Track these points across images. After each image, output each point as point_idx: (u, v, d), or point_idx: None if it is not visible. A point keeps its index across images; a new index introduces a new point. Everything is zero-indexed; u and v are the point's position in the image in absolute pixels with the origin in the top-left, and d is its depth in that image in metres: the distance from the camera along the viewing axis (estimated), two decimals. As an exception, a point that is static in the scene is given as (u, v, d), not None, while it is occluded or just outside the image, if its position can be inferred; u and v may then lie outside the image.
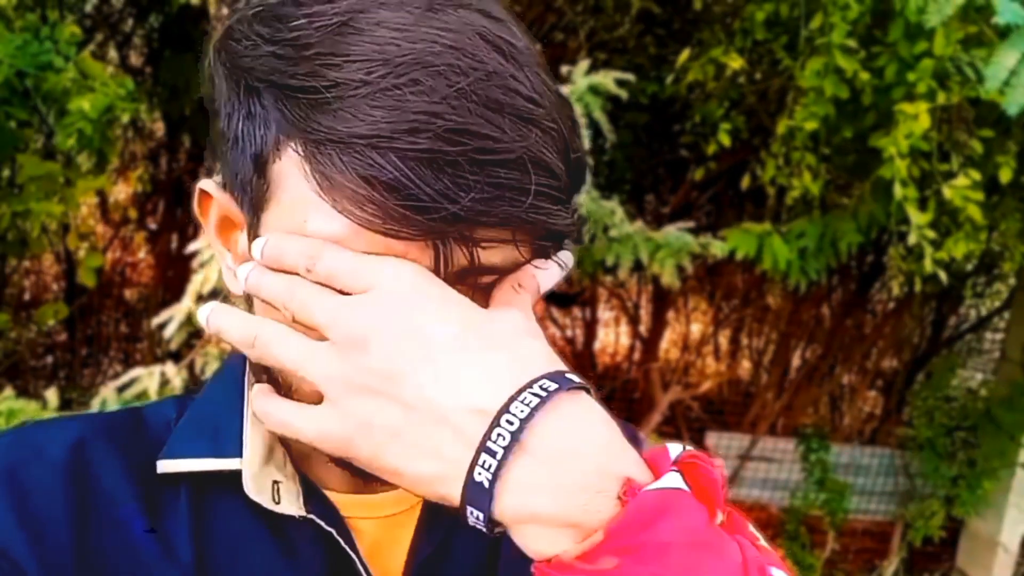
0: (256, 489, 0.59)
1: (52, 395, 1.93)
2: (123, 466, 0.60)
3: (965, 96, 2.41)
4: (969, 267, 4.14)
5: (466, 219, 0.49)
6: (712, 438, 4.13)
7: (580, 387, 0.49)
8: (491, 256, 0.51)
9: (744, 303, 4.42)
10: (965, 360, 4.43)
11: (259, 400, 0.55)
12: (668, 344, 4.75)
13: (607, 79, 1.90)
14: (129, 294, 4.18)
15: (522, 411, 0.46)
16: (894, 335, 4.38)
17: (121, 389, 1.87)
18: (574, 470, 0.46)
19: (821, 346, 4.25)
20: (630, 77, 1.95)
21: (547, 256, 0.55)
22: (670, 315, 4.58)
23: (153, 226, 4.24)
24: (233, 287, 0.58)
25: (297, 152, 0.51)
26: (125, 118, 1.99)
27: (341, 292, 0.51)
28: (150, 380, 1.80)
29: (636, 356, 4.52)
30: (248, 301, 0.59)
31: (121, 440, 0.62)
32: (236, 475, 0.60)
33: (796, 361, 4.44)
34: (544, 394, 0.46)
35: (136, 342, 3.90)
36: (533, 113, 0.51)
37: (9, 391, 1.82)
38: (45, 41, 2.15)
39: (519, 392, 0.47)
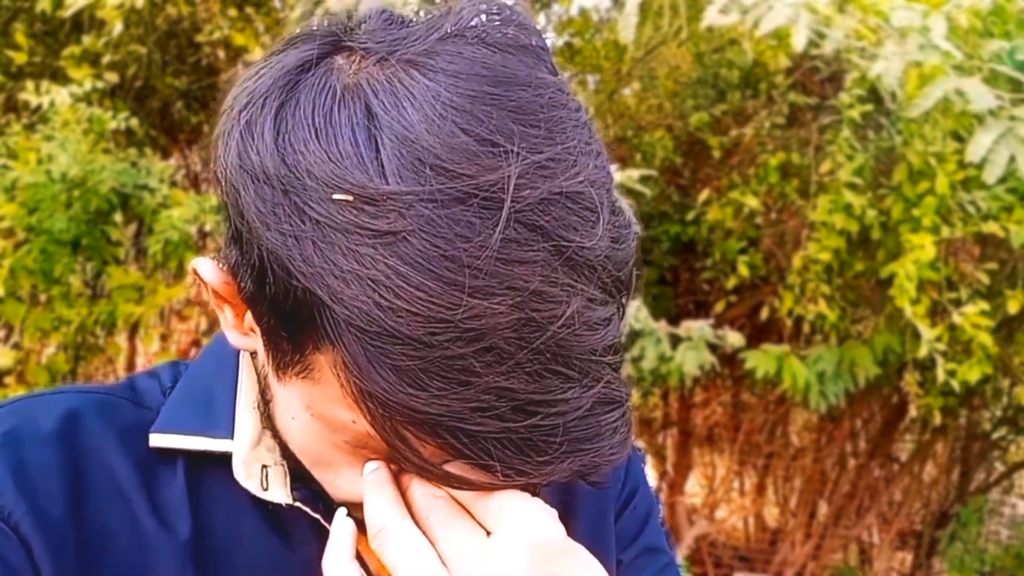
0: (245, 474, 0.58)
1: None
2: (118, 438, 0.59)
3: (970, 232, 2.64)
4: (992, 423, 4.23)
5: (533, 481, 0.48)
6: (740, 578, 4.10)
7: None
8: None
9: (769, 443, 4.49)
10: (995, 508, 4.42)
11: None
12: (693, 488, 4.78)
13: (634, 175, 2.27)
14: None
15: None
16: (918, 481, 4.40)
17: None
18: None
19: (847, 490, 4.28)
20: (652, 172, 2.27)
21: None
22: (695, 455, 4.65)
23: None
24: (236, 343, 0.57)
25: (344, 379, 0.46)
26: (209, 226, 2.25)
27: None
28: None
29: (663, 496, 4.55)
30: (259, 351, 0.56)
31: (115, 411, 0.60)
32: (228, 455, 0.58)
33: (824, 506, 4.44)
34: None
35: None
36: (604, 343, 0.47)
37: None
38: (142, 170, 2.46)
39: None
